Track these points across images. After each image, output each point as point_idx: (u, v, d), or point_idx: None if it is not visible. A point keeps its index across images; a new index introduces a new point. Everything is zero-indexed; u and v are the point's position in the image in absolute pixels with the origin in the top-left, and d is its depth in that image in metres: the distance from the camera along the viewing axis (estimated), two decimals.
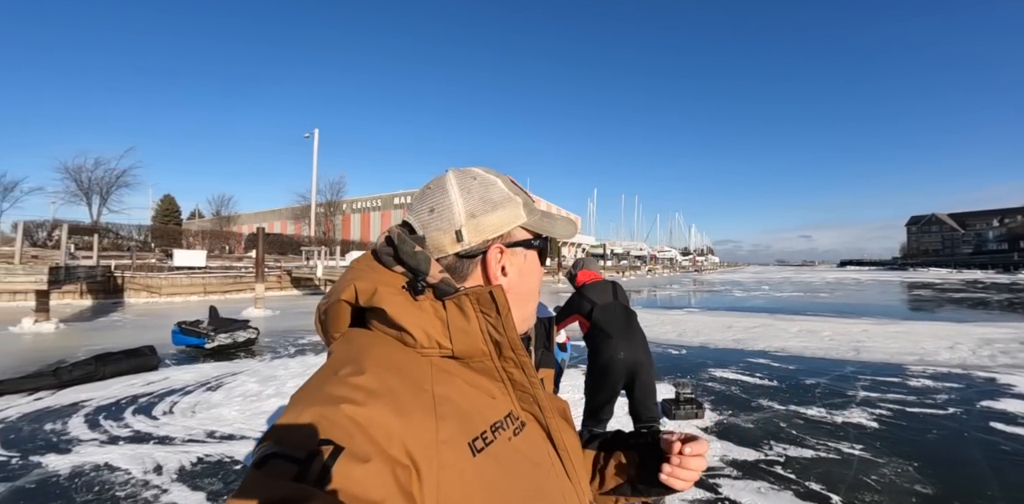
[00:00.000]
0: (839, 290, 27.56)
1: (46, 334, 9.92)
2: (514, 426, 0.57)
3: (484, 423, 0.54)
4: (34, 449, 3.85)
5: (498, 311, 0.56)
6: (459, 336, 0.56)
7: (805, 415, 4.73)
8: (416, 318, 0.56)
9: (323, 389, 0.48)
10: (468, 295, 0.56)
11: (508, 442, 0.55)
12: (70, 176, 30.68)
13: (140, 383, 5.85)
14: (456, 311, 0.57)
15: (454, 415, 0.51)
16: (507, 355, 0.58)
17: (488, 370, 0.58)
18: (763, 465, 3.57)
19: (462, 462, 0.49)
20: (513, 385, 0.60)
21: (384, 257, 0.61)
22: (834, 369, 6.75)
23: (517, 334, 0.58)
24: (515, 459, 0.54)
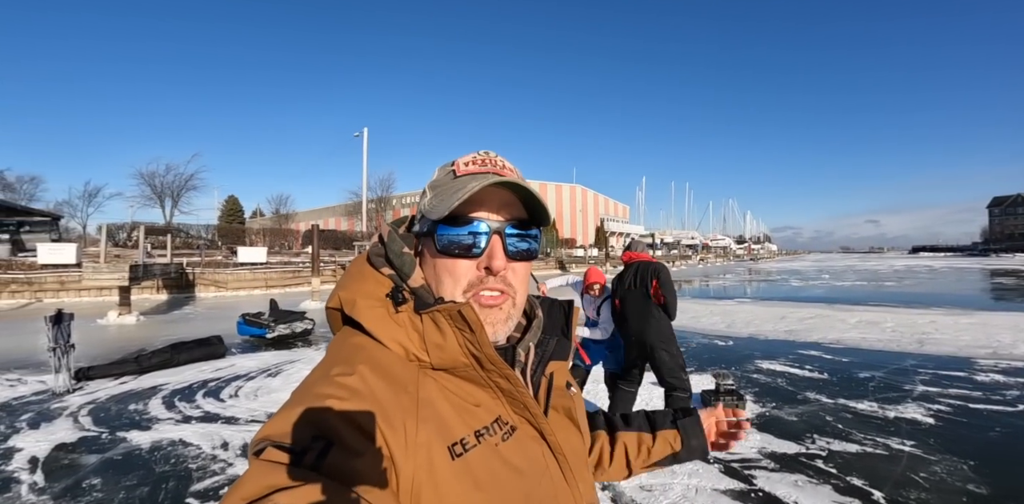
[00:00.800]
0: (908, 278, 25.83)
1: (128, 326, 10.89)
2: (502, 431, 0.57)
3: (466, 429, 0.54)
4: (120, 426, 4.33)
5: (471, 328, 0.55)
6: (435, 351, 0.56)
7: (855, 409, 4.56)
8: (392, 332, 0.56)
9: (315, 388, 0.50)
10: (441, 311, 0.55)
11: (494, 448, 0.54)
12: (145, 181, 33.27)
13: (210, 369, 6.36)
14: (432, 326, 0.56)
15: (434, 419, 0.52)
16: (488, 367, 0.57)
17: (474, 378, 0.58)
18: (803, 458, 3.49)
19: (439, 465, 0.49)
20: (502, 391, 0.59)
21: (375, 258, 0.62)
22: (893, 362, 6.43)
23: (493, 350, 0.57)
24: (497, 465, 0.54)
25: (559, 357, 0.69)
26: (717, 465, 3.38)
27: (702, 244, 76.72)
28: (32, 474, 3.39)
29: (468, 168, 0.60)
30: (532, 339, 0.66)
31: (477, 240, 0.59)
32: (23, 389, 5.57)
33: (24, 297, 15.94)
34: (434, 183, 0.63)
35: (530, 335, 0.66)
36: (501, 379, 0.58)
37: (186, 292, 17.99)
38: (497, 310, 0.60)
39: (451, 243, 0.59)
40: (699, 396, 4.72)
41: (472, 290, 0.60)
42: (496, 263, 0.59)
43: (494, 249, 0.59)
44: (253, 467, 0.43)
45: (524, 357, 0.65)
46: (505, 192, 0.60)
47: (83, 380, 5.79)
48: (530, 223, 0.63)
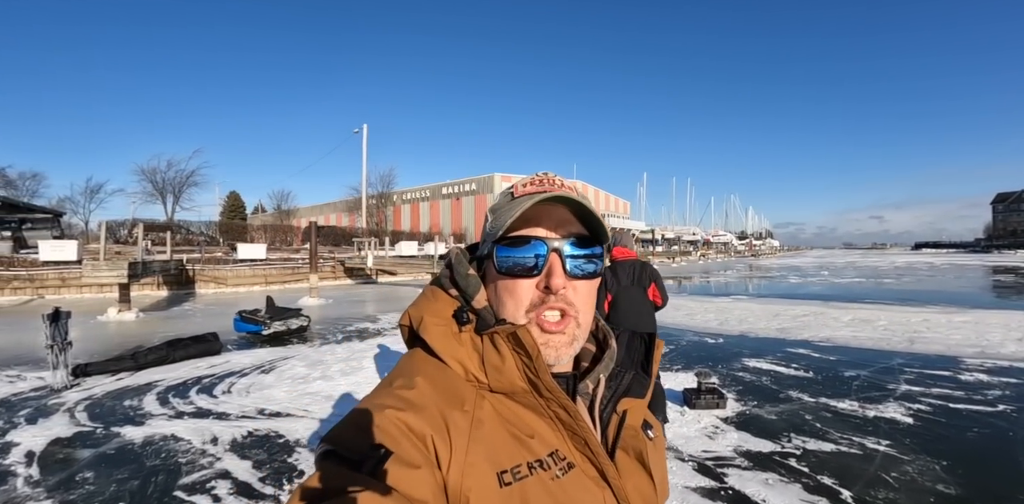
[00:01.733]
0: (908, 275, 25.82)
1: (128, 322, 11.01)
2: (558, 467, 0.54)
3: (519, 458, 0.52)
4: (114, 422, 4.43)
5: (528, 354, 0.54)
6: (493, 373, 0.55)
7: (835, 408, 4.62)
8: (454, 351, 0.56)
9: (377, 398, 0.52)
10: (499, 333, 0.55)
11: (546, 483, 0.52)
12: (146, 178, 33.38)
13: (204, 366, 6.47)
14: (491, 347, 0.56)
15: (487, 442, 0.51)
16: (546, 395, 0.55)
17: (534, 406, 0.56)
18: (777, 457, 3.56)
19: (487, 490, 0.48)
20: (562, 423, 0.56)
21: (444, 280, 0.63)
22: (880, 361, 6.47)
23: (551, 377, 0.55)
24: (548, 501, 0.51)
25: (635, 394, 0.64)
26: (691, 463, 3.46)
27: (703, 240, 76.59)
28: (28, 468, 3.50)
29: (526, 189, 0.60)
30: (604, 371, 0.63)
31: (536, 259, 0.58)
32: (22, 385, 5.68)
33: (26, 294, 16.11)
34: (494, 206, 0.63)
35: (601, 366, 0.63)
36: (560, 409, 0.56)
37: (186, 288, 18.14)
38: (559, 334, 0.58)
39: (510, 263, 0.58)
40: (681, 394, 4.79)
41: (534, 310, 0.58)
42: (555, 281, 0.57)
43: (553, 267, 0.58)
44: (316, 471, 0.46)
45: (592, 390, 0.62)
46: (562, 210, 0.59)
47: (81, 376, 5.90)
48: (590, 240, 0.61)
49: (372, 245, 21.26)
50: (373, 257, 19.08)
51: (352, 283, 22.19)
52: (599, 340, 0.67)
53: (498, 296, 0.60)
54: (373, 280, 23.16)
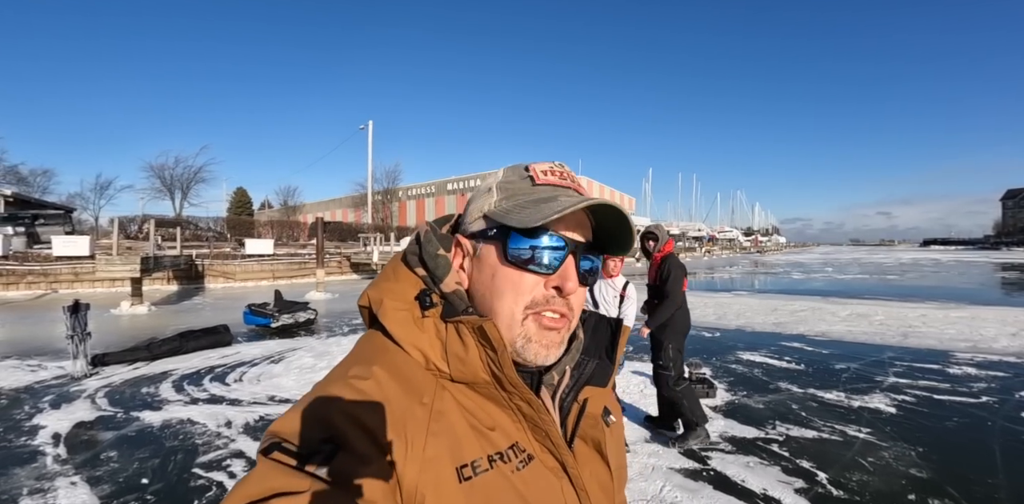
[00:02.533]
0: (912, 272, 25.81)
1: (140, 315, 11.32)
2: (518, 459, 0.53)
3: (479, 451, 0.50)
4: (133, 407, 4.70)
5: (493, 347, 0.52)
6: (456, 363, 0.52)
7: (822, 398, 4.79)
8: (414, 338, 0.53)
9: (330, 388, 0.49)
10: (464, 323, 0.52)
11: (507, 476, 0.51)
12: (155, 174, 33.76)
13: (216, 356, 6.74)
14: (455, 336, 0.53)
15: (446, 435, 0.49)
16: (509, 389, 0.53)
17: (495, 397, 0.54)
18: (760, 443, 3.75)
19: (445, 486, 0.46)
20: (524, 416, 0.55)
21: (410, 257, 0.59)
22: (871, 354, 6.63)
23: (514, 372, 0.52)
24: (508, 495, 0.50)
25: (597, 382, 0.62)
26: (678, 447, 3.65)
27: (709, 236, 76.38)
28: (55, 447, 3.77)
29: (548, 178, 0.58)
30: (569, 363, 0.61)
31: (553, 256, 0.55)
32: (44, 374, 5.96)
33: (40, 288, 16.45)
34: (506, 185, 0.58)
35: (567, 357, 0.60)
36: (523, 403, 0.54)
37: (195, 283, 18.48)
38: (555, 333, 0.56)
39: (526, 254, 0.54)
40: None
41: (536, 308, 0.55)
42: (570, 285, 0.55)
43: (568, 269, 0.55)
44: (259, 466, 0.43)
45: (557, 380, 0.60)
46: (583, 214, 0.58)
47: (99, 366, 6.17)
48: (598, 249, 0.60)
49: (378, 241, 21.50)
50: (379, 252, 19.32)
51: (358, 278, 22.45)
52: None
53: (495, 284, 0.55)
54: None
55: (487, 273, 0.56)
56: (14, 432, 4.08)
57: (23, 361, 6.65)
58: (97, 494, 3.07)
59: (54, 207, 27.47)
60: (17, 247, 17.89)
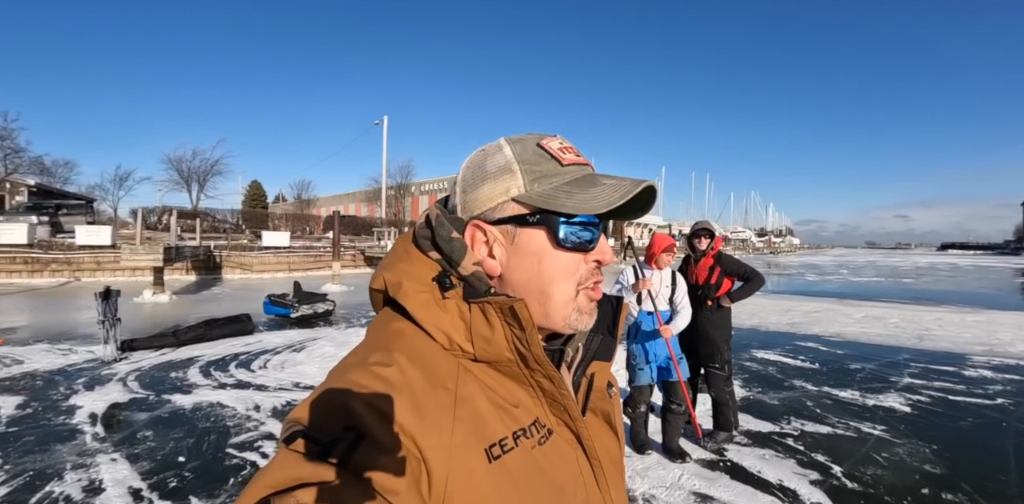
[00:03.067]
0: (928, 276, 25.50)
1: (162, 304, 11.59)
2: (539, 434, 0.54)
3: (505, 430, 0.51)
4: (164, 390, 4.88)
5: (522, 327, 0.52)
6: (481, 343, 0.53)
7: (836, 396, 4.84)
8: (437, 319, 0.53)
9: (351, 374, 0.48)
10: (492, 304, 0.52)
11: (530, 451, 0.52)
12: (172, 166, 34.16)
13: (240, 344, 6.94)
14: (480, 317, 0.53)
15: (472, 418, 0.49)
16: (533, 367, 0.54)
17: (516, 375, 0.55)
18: (775, 437, 3.82)
19: (475, 467, 0.47)
20: (543, 392, 0.56)
21: (422, 241, 0.58)
22: (886, 356, 6.63)
23: (542, 350, 0.53)
24: (533, 470, 0.51)
25: (603, 357, 0.65)
26: (690, 440, 3.72)
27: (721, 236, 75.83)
28: (93, 426, 3.95)
29: (568, 157, 0.57)
30: (581, 338, 0.63)
31: (594, 234, 0.57)
32: (75, 357, 6.17)
33: (63, 276, 16.86)
34: (530, 167, 0.56)
35: (580, 335, 0.62)
36: (544, 379, 0.55)
37: (213, 273, 18.80)
38: (596, 301, 0.59)
39: (574, 238, 0.55)
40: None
41: (584, 284, 0.57)
42: (607, 257, 0.58)
43: (603, 243, 0.58)
44: (281, 455, 0.43)
45: (572, 357, 0.62)
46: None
47: (127, 351, 6.37)
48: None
49: (392, 235, 21.73)
50: None
51: (372, 271, 22.53)
52: None
53: (544, 269, 0.56)
54: None
55: (531, 259, 0.56)
56: (52, 411, 4.27)
57: (54, 345, 6.89)
58: (137, 470, 3.23)
59: (75, 197, 28.05)
60: (41, 236, 18.33)
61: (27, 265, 16.58)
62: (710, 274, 3.68)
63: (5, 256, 16.45)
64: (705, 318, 3.66)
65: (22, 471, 3.18)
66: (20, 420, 4.08)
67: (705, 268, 3.71)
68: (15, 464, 3.28)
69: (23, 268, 16.49)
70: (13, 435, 3.77)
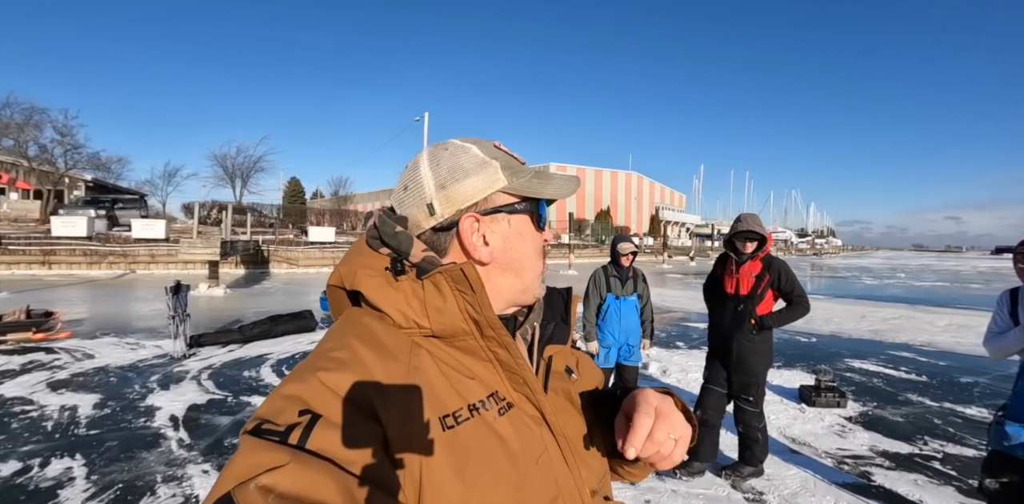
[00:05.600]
0: (997, 281, 23.87)
1: (217, 297, 11.72)
2: (498, 406, 0.56)
3: (460, 401, 0.53)
4: (241, 391, 4.72)
5: (472, 288, 0.55)
6: (435, 315, 0.55)
7: (963, 414, 4.40)
8: (392, 299, 0.56)
9: (307, 365, 0.51)
10: (442, 273, 0.55)
11: (488, 423, 0.53)
12: (218, 162, 34.97)
13: (305, 341, 6.80)
14: (433, 290, 0.56)
15: (425, 389, 0.51)
16: (488, 334, 0.56)
17: (473, 349, 0.57)
18: (919, 459, 3.43)
19: (429, 436, 0.49)
20: (501, 365, 0.58)
21: (371, 240, 0.61)
22: (995, 368, 6.05)
23: (494, 313, 0.56)
24: (491, 440, 0.53)
25: (558, 341, 0.69)
26: (830, 459, 3.37)
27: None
28: (176, 431, 3.76)
29: (520, 157, 0.65)
30: (536, 320, 0.67)
31: (547, 215, 0.67)
32: (143, 353, 6.14)
33: (119, 268, 17.41)
34: (505, 163, 0.62)
35: (533, 315, 0.67)
36: (500, 349, 0.57)
37: (261, 268, 19.12)
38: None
39: (543, 219, 0.65)
40: (798, 391, 4.64)
41: (542, 257, 0.66)
42: (556, 232, 0.69)
43: (550, 223, 0.69)
44: (243, 445, 0.44)
45: (529, 336, 0.66)
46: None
47: (194, 346, 6.31)
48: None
49: None
50: None
51: None
52: None
53: (527, 249, 0.63)
54: None
55: (520, 240, 0.62)
56: (131, 412, 4.13)
57: (121, 339, 6.91)
58: None
59: (129, 192, 29.05)
60: (99, 229, 18.95)
61: (86, 257, 17.16)
62: (756, 283, 2.93)
63: (66, 248, 17.06)
64: (745, 340, 2.92)
65: (111, 483, 2.98)
66: (100, 421, 3.94)
67: (750, 274, 2.95)
68: (102, 474, 3.09)
69: (82, 260, 17.07)
70: (96, 439, 3.60)
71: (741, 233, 2.90)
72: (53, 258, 16.68)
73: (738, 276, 2.98)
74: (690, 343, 7.28)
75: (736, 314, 2.96)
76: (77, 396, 4.50)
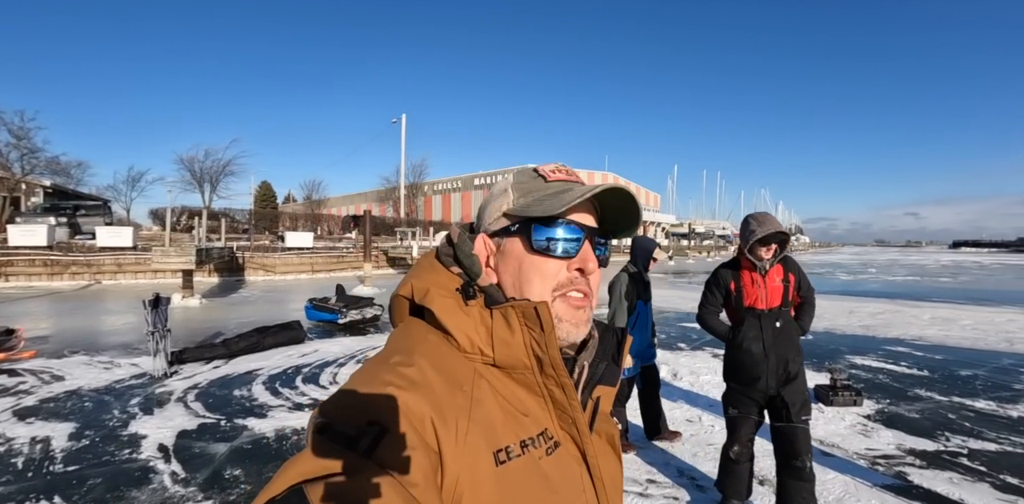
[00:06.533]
0: (962, 275, 24.87)
1: (193, 308, 11.13)
2: (546, 445, 0.56)
3: (513, 437, 0.53)
4: (234, 413, 4.32)
5: (542, 328, 0.55)
6: (501, 347, 0.56)
7: (974, 408, 4.44)
8: (461, 323, 0.56)
9: (374, 373, 0.51)
10: (514, 307, 0.56)
11: (536, 461, 0.54)
12: (185, 166, 33.65)
13: (296, 354, 6.42)
14: (502, 321, 0.56)
15: (484, 421, 0.51)
16: (548, 372, 0.57)
17: (529, 383, 0.57)
18: (946, 456, 3.42)
19: (483, 469, 0.49)
20: (554, 403, 0.58)
21: (444, 257, 0.63)
22: (988, 360, 6.22)
23: (559, 353, 0.56)
24: (536, 479, 0.53)
25: (608, 382, 0.67)
26: (862, 461, 3.33)
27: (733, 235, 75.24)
28: (167, 463, 3.36)
29: (557, 175, 0.63)
30: (587, 359, 0.65)
31: (572, 243, 0.60)
32: (120, 372, 5.64)
33: (84, 278, 16.50)
34: (520, 185, 0.63)
35: (585, 353, 0.65)
36: (556, 388, 0.57)
37: (236, 275, 18.37)
38: (582, 311, 0.61)
39: (548, 243, 0.59)
40: (813, 391, 4.58)
41: (562, 290, 0.60)
42: (591, 265, 0.61)
43: (587, 252, 0.61)
44: (310, 446, 0.45)
45: (578, 375, 0.63)
46: (590, 203, 0.63)
47: (176, 364, 5.86)
48: (604, 234, 0.65)
49: (416, 235, 21.31)
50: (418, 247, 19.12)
51: (395, 272, 22.23)
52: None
53: (522, 273, 0.60)
54: None
55: (513, 265, 0.61)
56: (114, 443, 3.71)
57: (93, 357, 6.39)
58: None
59: (91, 198, 27.74)
60: (60, 237, 17.97)
61: (47, 267, 16.20)
62: (785, 289, 2.56)
63: (25, 258, 16.08)
64: (798, 357, 2.58)
65: None
66: (78, 455, 3.49)
67: (776, 281, 2.56)
68: None
69: (43, 270, 16.11)
70: (76, 476, 3.17)
71: (768, 238, 2.46)
72: (10, 269, 15.68)
73: (766, 287, 2.56)
74: (692, 344, 7.24)
75: (779, 332, 2.55)
76: (49, 426, 4.01)
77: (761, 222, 2.49)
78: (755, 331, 2.57)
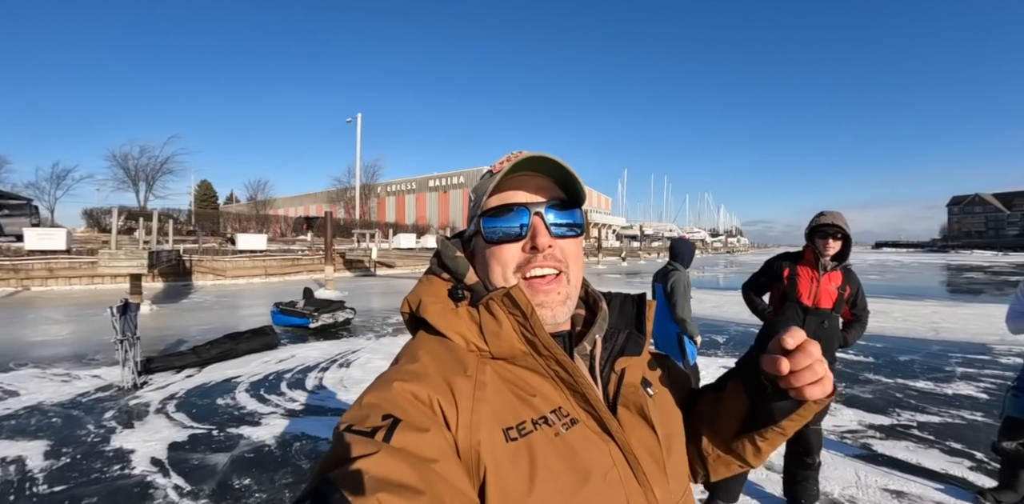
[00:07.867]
0: (888, 272, 27.04)
1: (144, 315, 10.37)
2: (561, 422, 0.57)
3: (523, 416, 0.55)
4: (225, 422, 4.18)
5: (522, 311, 0.58)
6: (492, 339, 0.59)
7: (916, 387, 5.03)
8: (453, 324, 0.60)
9: (383, 378, 0.55)
10: (494, 298, 0.59)
11: (551, 437, 0.55)
12: (118, 164, 31.62)
13: (272, 360, 6.26)
14: (488, 315, 0.60)
15: (491, 402, 0.54)
16: (544, 353, 0.58)
17: (535, 367, 0.59)
18: (900, 429, 3.93)
19: (495, 444, 0.52)
20: (562, 382, 0.59)
21: (434, 267, 0.68)
22: (921, 348, 6.92)
23: (546, 333, 0.58)
24: (552, 454, 0.54)
25: (631, 353, 0.67)
26: (833, 436, 3.76)
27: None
28: (167, 477, 3.22)
29: (502, 165, 0.62)
30: (598, 332, 0.66)
31: (519, 223, 0.62)
32: (81, 385, 5.32)
33: (10, 285, 15.19)
34: (475, 188, 0.68)
35: (595, 328, 0.66)
36: (558, 367, 0.58)
37: (183, 280, 17.49)
38: (554, 293, 0.62)
39: (497, 231, 0.62)
40: None
41: (521, 271, 0.62)
42: (541, 240, 0.61)
43: (536, 228, 0.62)
44: (335, 440, 0.48)
45: (591, 351, 0.65)
46: (540, 178, 0.64)
47: (144, 373, 5.57)
48: (569, 203, 0.65)
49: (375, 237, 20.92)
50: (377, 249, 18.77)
51: (353, 275, 21.77)
52: (589, 305, 0.71)
53: (487, 263, 0.63)
54: (372, 272, 22.75)
55: (481, 260, 0.65)
56: (98, 459, 3.48)
57: (45, 370, 5.98)
58: None
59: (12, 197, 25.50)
60: None
61: None
62: (839, 297, 2.53)
63: None
64: (830, 361, 2.60)
65: None
66: (62, 474, 3.26)
67: (832, 286, 2.54)
68: None
69: None
70: (68, 496, 2.97)
71: (822, 227, 2.48)
72: None
73: (819, 286, 2.53)
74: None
75: (822, 331, 2.49)
76: (18, 444, 3.73)
77: (826, 214, 2.54)
78: (796, 322, 2.46)
